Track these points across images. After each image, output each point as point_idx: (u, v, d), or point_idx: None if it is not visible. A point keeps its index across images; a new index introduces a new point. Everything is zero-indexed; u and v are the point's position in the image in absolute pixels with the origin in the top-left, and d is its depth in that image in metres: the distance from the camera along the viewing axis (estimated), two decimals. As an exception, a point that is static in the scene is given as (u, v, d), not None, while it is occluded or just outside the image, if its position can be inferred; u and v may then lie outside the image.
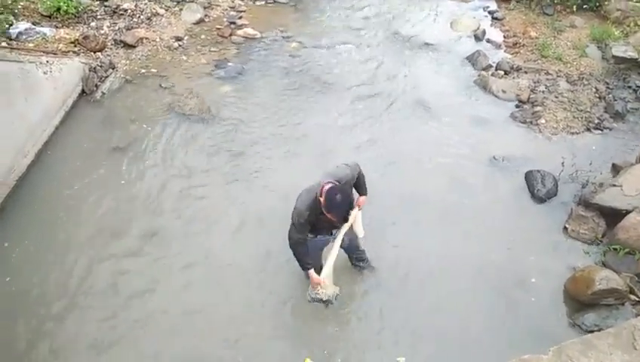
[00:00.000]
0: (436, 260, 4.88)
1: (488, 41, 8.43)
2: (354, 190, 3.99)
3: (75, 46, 7.19)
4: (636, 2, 8.42)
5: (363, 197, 4.16)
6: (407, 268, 4.79)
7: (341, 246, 4.10)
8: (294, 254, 3.89)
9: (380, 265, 4.75)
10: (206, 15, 8.76)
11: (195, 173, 5.68)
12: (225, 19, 8.74)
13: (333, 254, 3.99)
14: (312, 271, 3.94)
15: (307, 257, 3.90)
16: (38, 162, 5.52)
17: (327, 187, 3.51)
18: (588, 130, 6.52)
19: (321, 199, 3.50)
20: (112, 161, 5.69)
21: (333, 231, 3.96)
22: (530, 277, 4.79)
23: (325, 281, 3.98)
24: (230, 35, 8.34)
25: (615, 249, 4.88)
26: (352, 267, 4.63)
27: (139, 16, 8.27)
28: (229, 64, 7.60)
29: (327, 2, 9.56)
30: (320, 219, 3.67)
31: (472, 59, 7.87)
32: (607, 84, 7.22)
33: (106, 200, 5.29)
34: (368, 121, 6.62)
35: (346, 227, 3.91)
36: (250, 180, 5.63)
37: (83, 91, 6.52)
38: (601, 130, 6.50)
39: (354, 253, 4.46)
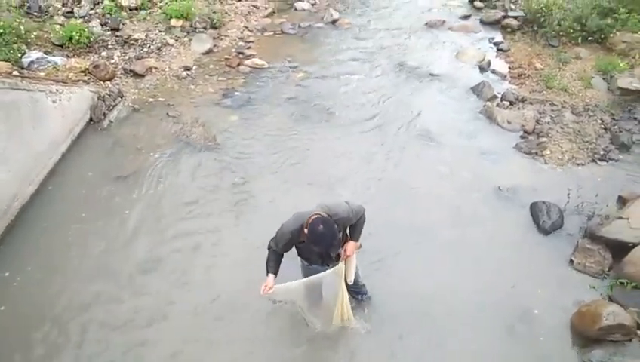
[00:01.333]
0: (439, 293, 4.78)
1: (493, 72, 8.50)
2: (347, 232, 3.81)
3: (86, 75, 7.35)
4: (641, 34, 8.48)
5: (352, 243, 3.76)
6: (409, 302, 4.70)
7: None
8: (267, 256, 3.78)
9: (381, 298, 4.66)
10: (215, 45, 8.95)
11: (198, 204, 5.67)
12: (233, 50, 8.92)
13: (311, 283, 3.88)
14: (269, 276, 3.71)
15: (272, 264, 3.73)
16: (43, 190, 5.57)
17: (313, 218, 3.41)
18: (593, 161, 6.47)
19: (306, 231, 3.42)
20: (116, 190, 5.73)
21: (330, 264, 3.87)
22: (535, 311, 4.68)
23: (273, 290, 3.70)
24: (238, 64, 8.48)
25: (622, 283, 4.78)
26: (350, 297, 4.55)
27: (149, 46, 8.46)
28: (237, 93, 7.71)
29: (334, 33, 9.75)
30: (305, 247, 3.61)
31: (478, 90, 7.91)
32: (613, 115, 7.21)
33: (109, 230, 5.29)
34: (373, 151, 6.63)
35: (341, 269, 3.76)
36: (254, 211, 5.60)
37: (91, 120, 6.64)
38: (607, 162, 6.46)
39: (353, 288, 4.39)
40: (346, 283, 4.00)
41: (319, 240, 3.35)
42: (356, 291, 4.46)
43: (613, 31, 8.69)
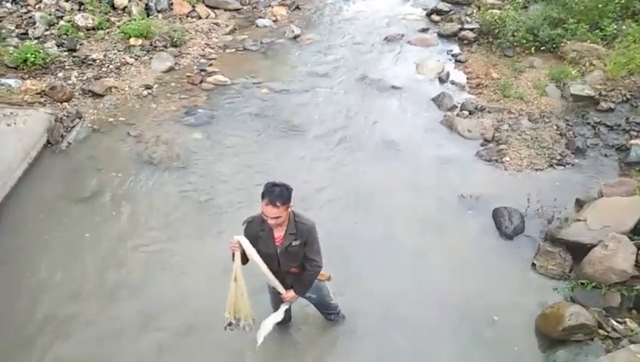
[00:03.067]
0: (405, 302, 4.82)
1: (452, 82, 8.68)
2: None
3: (42, 97, 7.17)
4: (590, 43, 8.83)
5: (291, 294, 3.76)
6: (375, 311, 4.72)
7: (311, 302, 4.19)
8: None
9: (349, 311, 4.63)
10: (176, 63, 8.87)
11: (162, 225, 5.57)
12: (195, 67, 8.86)
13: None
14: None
15: None
16: (-1, 217, 5.39)
17: None
18: (551, 166, 6.67)
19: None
20: (75, 214, 5.58)
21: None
22: (500, 316, 4.76)
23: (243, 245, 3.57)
24: (200, 82, 8.43)
25: (583, 283, 4.90)
26: (323, 317, 4.53)
27: (108, 66, 8.33)
28: (199, 111, 7.64)
29: (297, 49, 9.80)
30: (260, 238, 3.58)
31: (438, 100, 8.08)
32: (567, 121, 7.46)
33: (69, 255, 5.13)
34: (338, 164, 6.68)
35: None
36: (219, 231, 5.49)
37: (48, 142, 6.47)
38: (564, 166, 6.66)
39: (324, 310, 4.38)
40: (320, 308, 4.24)
41: (266, 186, 3.45)
42: (328, 313, 4.44)
43: (563, 40, 9.02)
